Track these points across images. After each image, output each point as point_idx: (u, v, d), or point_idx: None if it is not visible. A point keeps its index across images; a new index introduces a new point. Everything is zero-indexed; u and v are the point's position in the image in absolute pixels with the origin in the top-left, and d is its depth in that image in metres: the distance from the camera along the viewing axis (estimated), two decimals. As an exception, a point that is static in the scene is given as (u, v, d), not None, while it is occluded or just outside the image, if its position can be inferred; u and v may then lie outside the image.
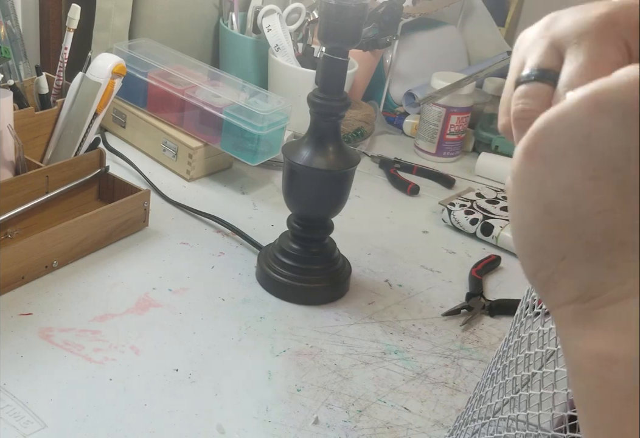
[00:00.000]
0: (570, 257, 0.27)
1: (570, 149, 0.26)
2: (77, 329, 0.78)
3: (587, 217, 0.26)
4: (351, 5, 0.75)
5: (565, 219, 0.27)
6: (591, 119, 0.26)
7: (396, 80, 1.35)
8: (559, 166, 0.27)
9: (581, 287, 0.26)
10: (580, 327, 0.26)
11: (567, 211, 0.27)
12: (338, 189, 0.84)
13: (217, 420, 0.69)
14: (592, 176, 0.26)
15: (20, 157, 0.89)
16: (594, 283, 0.26)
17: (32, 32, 1.17)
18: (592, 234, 0.26)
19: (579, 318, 0.26)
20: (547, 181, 0.27)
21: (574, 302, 0.27)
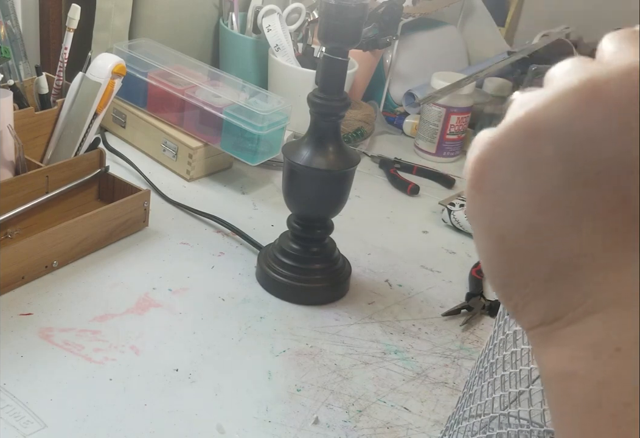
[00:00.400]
0: (532, 285, 0.27)
1: (514, 181, 0.27)
2: (77, 329, 0.78)
3: (540, 246, 0.26)
4: (351, 5, 0.75)
5: (520, 251, 0.27)
6: (528, 149, 0.26)
7: (396, 80, 1.35)
8: (507, 198, 0.27)
9: (544, 312, 0.27)
10: (546, 347, 0.27)
11: (521, 243, 0.27)
12: (338, 189, 0.84)
13: (217, 420, 0.69)
14: (539, 208, 0.26)
15: (20, 157, 0.89)
16: (554, 308, 0.27)
17: (32, 32, 1.17)
18: (547, 262, 0.27)
19: (544, 339, 0.27)
20: (497, 214, 0.27)
21: (540, 325, 0.27)
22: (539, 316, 0.27)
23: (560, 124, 0.25)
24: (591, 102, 0.25)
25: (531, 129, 0.26)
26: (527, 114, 0.26)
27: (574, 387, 0.26)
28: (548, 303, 0.27)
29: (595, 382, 0.25)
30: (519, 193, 0.26)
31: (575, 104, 0.25)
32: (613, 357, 0.25)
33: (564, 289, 0.26)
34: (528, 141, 0.26)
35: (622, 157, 0.25)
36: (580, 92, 0.25)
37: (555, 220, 0.26)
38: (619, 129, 0.25)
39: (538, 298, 0.27)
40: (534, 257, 0.27)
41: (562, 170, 0.25)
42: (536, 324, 0.27)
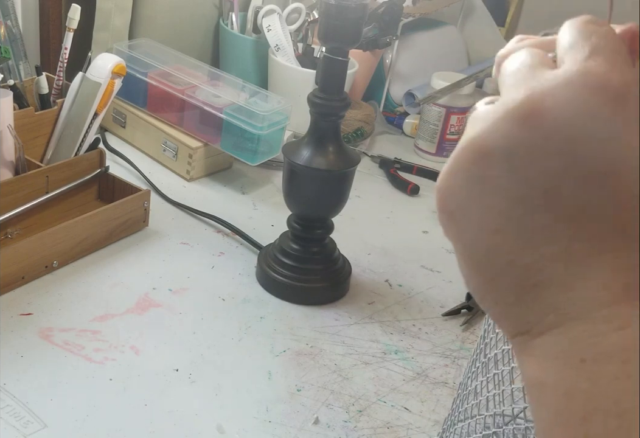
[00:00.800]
0: (501, 301, 0.28)
1: (470, 204, 0.27)
2: (77, 329, 0.78)
3: (501, 267, 0.27)
4: (351, 5, 0.75)
5: (486, 269, 0.28)
6: (477, 171, 0.27)
7: (396, 80, 1.35)
8: (465, 222, 0.28)
9: (515, 326, 0.28)
10: (522, 356, 0.28)
11: (484, 264, 0.28)
12: (338, 189, 0.84)
13: (217, 420, 0.69)
14: (495, 230, 0.27)
15: (20, 157, 0.89)
16: (522, 322, 0.28)
17: (32, 32, 1.17)
18: (510, 280, 0.27)
19: (521, 348, 0.28)
20: (460, 236, 0.29)
21: (514, 337, 0.29)
22: (513, 328, 0.28)
23: (502, 146, 0.26)
24: (530, 122, 0.25)
25: (477, 152, 0.27)
26: (472, 138, 0.27)
27: (545, 396, 0.26)
28: (516, 318, 0.28)
29: (562, 393, 0.26)
30: (475, 214, 0.27)
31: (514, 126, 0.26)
32: (578, 368, 0.25)
33: (527, 305, 0.27)
34: (475, 164, 0.27)
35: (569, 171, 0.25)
36: (519, 113, 0.26)
37: (510, 240, 0.27)
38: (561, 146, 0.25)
39: (508, 313, 0.28)
40: (497, 276, 0.28)
41: (510, 190, 0.26)
42: (512, 335, 0.29)
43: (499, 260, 0.27)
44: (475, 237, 0.28)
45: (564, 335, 0.26)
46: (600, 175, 0.25)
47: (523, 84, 0.27)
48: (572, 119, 0.25)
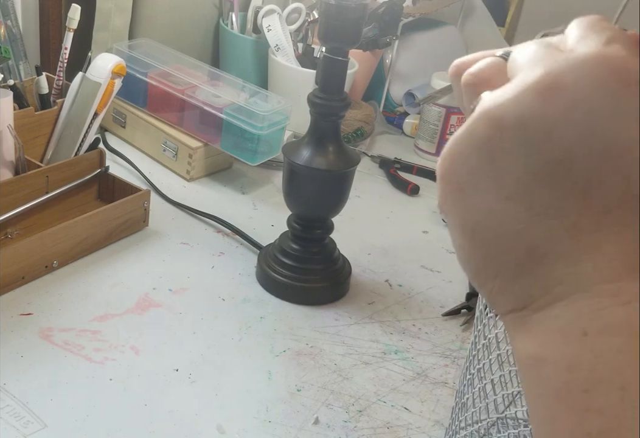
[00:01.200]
0: (502, 275, 0.28)
1: (481, 172, 0.27)
2: (77, 329, 0.78)
3: (509, 236, 0.27)
4: (351, 5, 0.75)
5: (490, 241, 0.28)
6: (492, 140, 0.27)
7: (396, 80, 1.35)
8: (475, 190, 0.28)
9: (514, 300, 0.28)
10: (518, 333, 0.28)
11: (490, 233, 0.28)
12: (338, 189, 0.84)
13: (217, 420, 0.69)
14: (506, 197, 0.27)
15: (20, 157, 0.89)
16: (524, 296, 0.28)
17: (32, 32, 1.17)
18: (516, 252, 0.27)
19: (516, 325, 0.28)
20: (467, 205, 0.28)
21: (511, 312, 0.28)
22: (510, 304, 0.28)
23: (520, 117, 0.26)
24: (549, 95, 0.26)
25: (493, 122, 0.27)
26: (489, 108, 0.27)
27: (544, 371, 0.26)
28: (517, 292, 0.28)
29: (564, 367, 0.26)
30: (486, 182, 0.27)
31: (534, 98, 0.26)
32: (580, 341, 0.25)
33: (531, 278, 0.27)
34: (490, 134, 0.27)
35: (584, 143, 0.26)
36: (539, 86, 0.26)
37: (520, 209, 0.27)
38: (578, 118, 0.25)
39: (508, 288, 0.28)
40: (502, 248, 0.28)
41: (524, 159, 0.26)
42: (508, 311, 0.28)
43: (508, 229, 0.27)
44: (484, 205, 0.28)
45: (567, 308, 0.26)
46: (613, 150, 0.25)
47: (541, 63, 0.27)
48: (591, 94, 0.25)
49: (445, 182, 0.29)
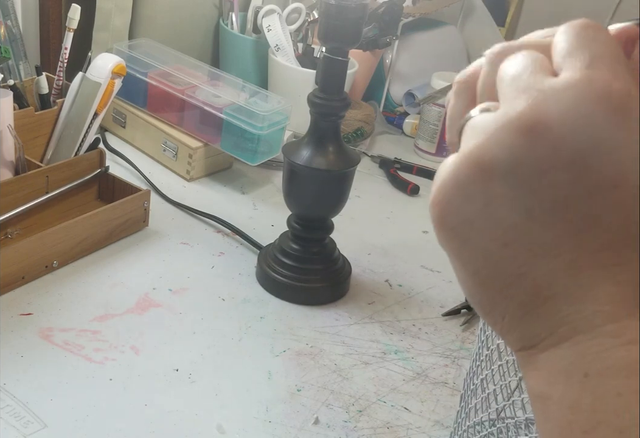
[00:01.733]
0: (509, 315, 0.28)
1: (476, 219, 0.27)
2: (77, 329, 0.78)
3: (511, 281, 0.27)
4: (351, 5, 0.75)
5: (493, 285, 0.28)
6: (484, 187, 0.26)
7: (396, 80, 1.35)
8: (470, 236, 0.27)
9: (522, 339, 0.28)
10: (527, 370, 0.28)
11: (491, 278, 0.28)
12: (338, 189, 0.84)
13: (217, 420, 0.69)
14: (504, 243, 0.27)
15: (20, 157, 0.89)
16: (531, 336, 0.28)
17: (32, 32, 1.17)
18: (520, 293, 0.27)
19: (525, 362, 0.28)
20: (463, 251, 0.28)
21: (520, 351, 0.28)
22: (518, 343, 0.28)
23: (505, 159, 0.25)
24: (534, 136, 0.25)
25: (478, 166, 0.26)
26: (471, 151, 0.26)
27: (550, 409, 0.26)
28: (524, 332, 0.28)
29: (566, 407, 0.26)
30: (481, 228, 0.27)
31: (518, 139, 0.25)
32: (582, 382, 0.25)
33: (537, 318, 0.27)
34: (477, 178, 0.26)
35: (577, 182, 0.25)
36: (522, 126, 0.25)
37: (521, 253, 0.26)
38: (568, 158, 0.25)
39: (515, 327, 0.28)
40: (507, 292, 0.27)
41: (517, 203, 0.26)
42: (517, 349, 0.28)
43: (509, 273, 0.27)
44: (482, 252, 0.27)
45: (571, 349, 0.26)
46: (607, 187, 0.25)
47: (524, 91, 0.26)
48: (577, 129, 0.25)
49: (439, 227, 0.28)
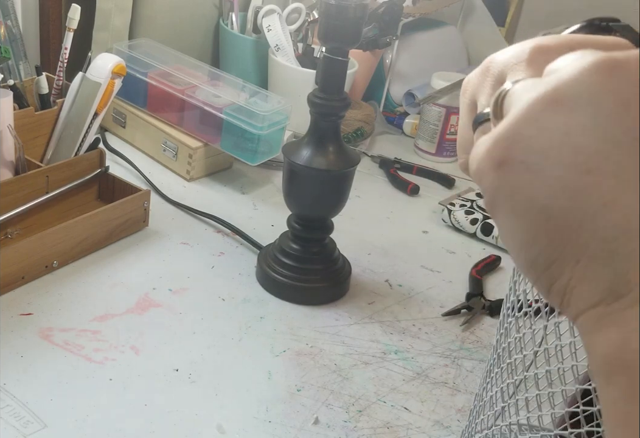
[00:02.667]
0: (586, 258, 0.25)
1: (552, 148, 0.25)
2: (77, 329, 0.78)
3: (593, 213, 0.24)
4: (351, 5, 0.75)
5: (568, 221, 0.25)
6: (562, 118, 0.25)
7: (396, 80, 1.35)
8: (544, 168, 0.25)
9: (604, 289, 0.24)
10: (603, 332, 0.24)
11: (568, 212, 0.25)
12: (338, 189, 0.84)
13: (217, 420, 0.69)
14: (586, 170, 0.25)
15: (20, 157, 0.89)
16: (618, 283, 0.24)
17: (32, 32, 1.17)
18: (604, 229, 0.24)
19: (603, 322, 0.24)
20: (534, 187, 0.26)
21: (597, 306, 0.25)
22: (596, 296, 0.25)
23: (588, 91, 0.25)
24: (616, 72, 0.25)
25: (556, 102, 0.26)
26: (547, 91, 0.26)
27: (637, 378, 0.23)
28: (606, 279, 0.24)
29: None
30: (560, 158, 0.25)
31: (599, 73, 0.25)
32: None
33: (625, 261, 0.24)
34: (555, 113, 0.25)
35: None
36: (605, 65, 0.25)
37: (606, 180, 0.24)
38: None
39: (592, 275, 0.25)
40: (586, 228, 0.25)
41: (603, 132, 0.25)
42: (592, 305, 0.25)
43: (591, 203, 0.24)
44: (559, 181, 0.25)
45: None
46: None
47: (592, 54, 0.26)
48: None
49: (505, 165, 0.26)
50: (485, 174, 0.27)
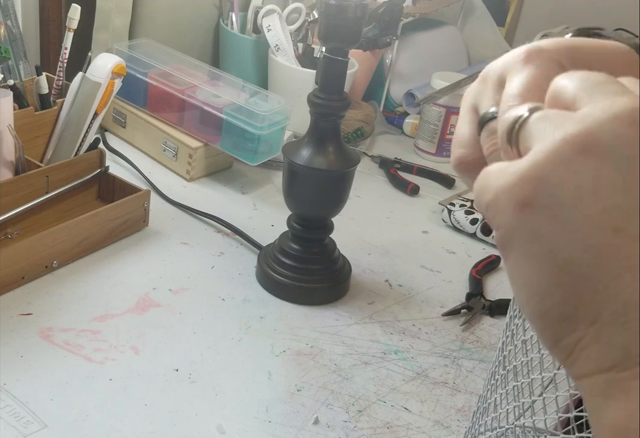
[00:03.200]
0: (602, 321, 0.23)
1: (582, 199, 0.24)
2: (77, 329, 0.78)
3: (617, 275, 0.23)
4: (351, 5, 0.75)
5: (589, 279, 0.24)
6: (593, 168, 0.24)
7: (396, 80, 1.35)
8: (570, 219, 0.24)
9: (617, 355, 0.23)
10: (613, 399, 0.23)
11: (591, 269, 0.23)
12: (338, 189, 0.84)
13: (217, 420, 0.69)
14: (615, 228, 0.23)
15: (20, 157, 0.89)
16: (633, 351, 0.23)
17: (32, 32, 1.17)
18: (627, 294, 0.23)
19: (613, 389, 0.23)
20: (558, 237, 0.24)
21: (607, 372, 0.23)
22: (608, 361, 0.23)
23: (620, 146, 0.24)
24: None
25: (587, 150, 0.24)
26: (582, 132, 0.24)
27: None
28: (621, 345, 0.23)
29: None
30: (588, 215, 0.24)
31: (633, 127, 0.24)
32: None
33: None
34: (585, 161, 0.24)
35: None
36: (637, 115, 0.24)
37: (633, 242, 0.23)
38: None
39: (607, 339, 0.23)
40: (608, 289, 0.23)
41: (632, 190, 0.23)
42: (602, 370, 0.24)
43: (616, 265, 0.23)
44: (583, 237, 0.24)
45: None
46: None
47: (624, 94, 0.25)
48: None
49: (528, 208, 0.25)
50: (503, 210, 0.25)
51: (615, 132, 0.24)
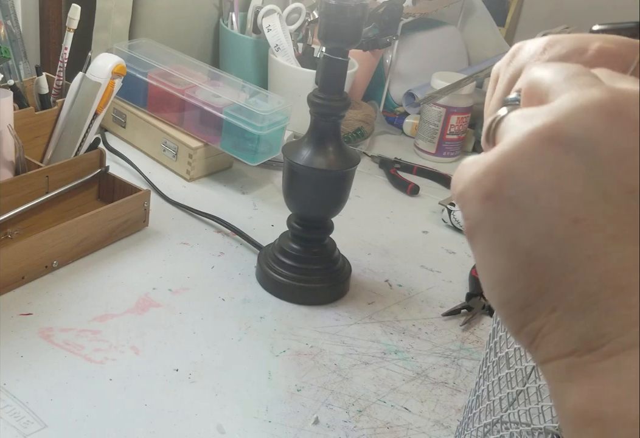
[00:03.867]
0: (562, 308, 0.24)
1: (543, 190, 0.24)
2: (77, 329, 0.78)
3: (577, 264, 0.24)
4: (351, 5, 0.75)
5: (550, 269, 0.24)
6: (556, 159, 0.24)
7: (396, 80, 1.35)
8: (532, 210, 0.24)
9: (577, 339, 0.24)
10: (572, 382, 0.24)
11: (552, 260, 0.24)
12: (338, 189, 0.84)
13: (217, 420, 0.69)
14: (574, 218, 0.24)
15: (20, 157, 0.89)
16: (592, 335, 0.23)
17: (32, 32, 1.17)
18: (585, 282, 0.24)
19: (571, 372, 0.24)
20: (520, 228, 0.25)
21: (568, 356, 0.24)
22: (568, 346, 0.24)
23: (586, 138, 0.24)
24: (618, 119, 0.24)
25: (553, 141, 0.24)
26: (547, 124, 0.25)
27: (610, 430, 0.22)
28: (581, 331, 0.24)
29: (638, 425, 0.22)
30: (549, 201, 0.24)
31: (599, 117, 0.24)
32: None
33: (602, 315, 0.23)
34: (551, 153, 0.24)
35: None
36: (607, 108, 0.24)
37: (593, 232, 0.24)
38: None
39: (567, 325, 0.24)
40: (567, 278, 0.24)
41: (595, 183, 0.24)
42: (563, 354, 0.24)
43: (576, 254, 0.24)
44: (545, 227, 0.24)
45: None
46: None
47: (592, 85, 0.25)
48: None
49: (492, 200, 0.25)
50: (469, 201, 0.26)
51: (581, 123, 0.24)
